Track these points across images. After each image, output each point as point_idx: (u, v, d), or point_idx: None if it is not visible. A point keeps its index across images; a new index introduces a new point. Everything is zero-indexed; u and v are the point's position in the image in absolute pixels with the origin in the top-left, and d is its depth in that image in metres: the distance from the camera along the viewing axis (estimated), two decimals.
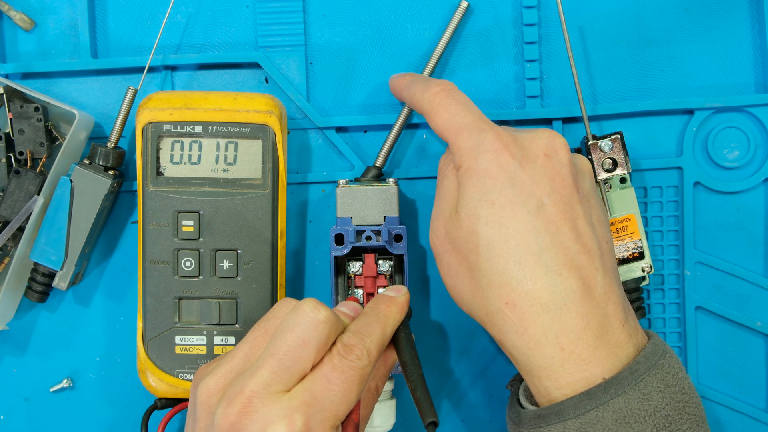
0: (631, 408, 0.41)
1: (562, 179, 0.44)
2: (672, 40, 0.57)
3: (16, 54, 0.57)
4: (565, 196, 0.44)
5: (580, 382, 0.42)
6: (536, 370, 0.43)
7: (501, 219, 0.43)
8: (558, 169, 0.45)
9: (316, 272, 0.57)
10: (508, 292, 0.43)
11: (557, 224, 0.43)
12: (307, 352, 0.40)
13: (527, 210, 0.43)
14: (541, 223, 0.43)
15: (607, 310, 0.43)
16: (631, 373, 0.42)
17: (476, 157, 0.45)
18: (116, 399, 0.58)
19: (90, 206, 0.53)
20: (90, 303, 0.57)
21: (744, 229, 0.57)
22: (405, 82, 0.51)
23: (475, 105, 0.47)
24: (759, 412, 0.57)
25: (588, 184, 0.47)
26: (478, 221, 0.44)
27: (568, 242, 0.43)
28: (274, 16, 0.56)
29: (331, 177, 0.57)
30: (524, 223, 0.43)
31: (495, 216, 0.43)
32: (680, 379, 0.43)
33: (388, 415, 0.53)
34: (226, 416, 0.39)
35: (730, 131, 0.56)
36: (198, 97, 0.52)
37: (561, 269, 0.43)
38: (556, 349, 0.42)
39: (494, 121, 0.56)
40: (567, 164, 0.45)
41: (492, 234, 0.43)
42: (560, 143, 0.45)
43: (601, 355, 0.42)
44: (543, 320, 0.42)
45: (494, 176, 0.44)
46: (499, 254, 0.43)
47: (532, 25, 0.56)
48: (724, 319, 0.57)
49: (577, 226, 0.44)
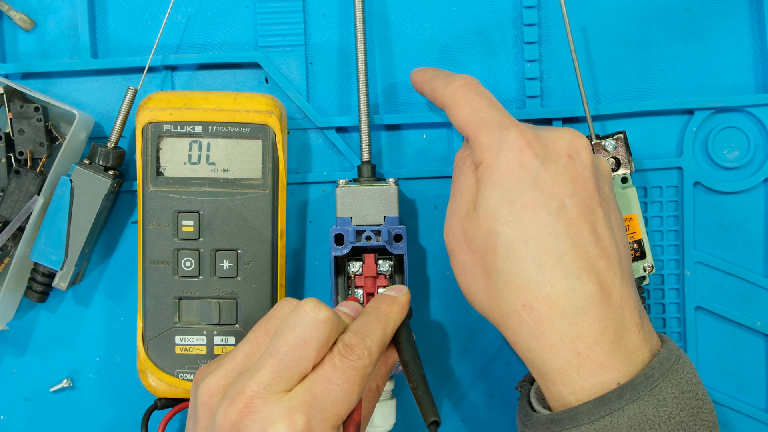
0: (646, 414, 0.41)
1: (584, 181, 0.44)
2: (672, 40, 0.57)
3: (16, 54, 0.57)
4: (586, 199, 0.43)
5: (595, 387, 0.42)
6: (551, 374, 0.42)
7: (521, 220, 0.43)
8: (580, 171, 0.44)
9: (316, 272, 0.57)
10: (525, 294, 0.42)
11: (578, 227, 0.43)
12: (308, 352, 0.40)
13: (548, 212, 0.42)
14: (562, 225, 0.42)
15: (624, 315, 0.43)
16: (645, 378, 0.41)
17: (498, 154, 0.44)
18: (116, 399, 0.58)
19: (90, 206, 0.53)
20: (90, 303, 0.57)
21: (744, 229, 0.57)
22: (427, 76, 0.50)
23: (498, 101, 0.46)
24: (759, 412, 0.57)
25: (608, 187, 0.46)
26: (497, 221, 0.43)
27: (588, 246, 0.43)
28: (274, 16, 0.56)
29: (331, 177, 0.57)
30: (545, 225, 0.42)
31: (515, 216, 0.43)
32: (694, 384, 0.43)
33: (389, 415, 0.53)
34: (227, 416, 0.39)
35: (730, 131, 0.56)
36: (198, 97, 0.52)
37: (580, 273, 0.42)
38: (572, 354, 0.42)
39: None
40: (589, 166, 0.44)
41: (511, 234, 0.43)
42: (583, 144, 0.45)
43: (617, 360, 0.42)
44: (560, 324, 0.42)
45: (516, 175, 0.43)
46: (518, 255, 0.42)
47: (532, 25, 0.56)
48: (724, 319, 0.57)
49: (597, 229, 0.43)
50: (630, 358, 0.42)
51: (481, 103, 0.46)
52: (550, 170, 0.43)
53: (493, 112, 0.45)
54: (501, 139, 0.44)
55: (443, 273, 0.57)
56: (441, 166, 0.57)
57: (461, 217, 0.45)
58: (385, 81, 0.57)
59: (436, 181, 0.57)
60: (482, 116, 0.45)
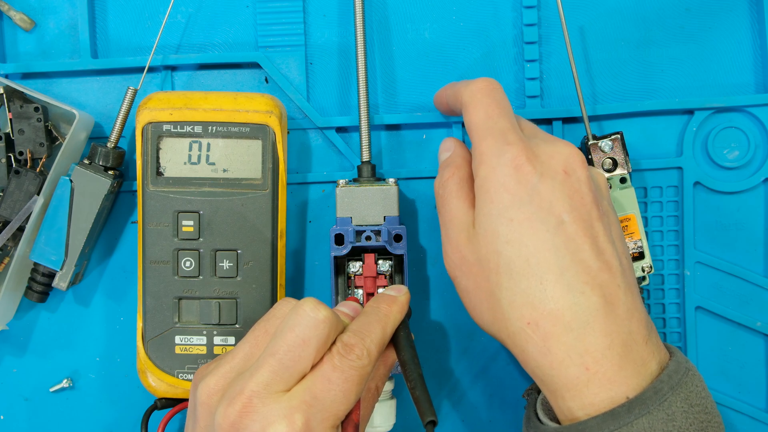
0: (655, 429, 0.40)
1: (581, 197, 0.44)
2: (672, 40, 0.57)
3: (16, 54, 0.57)
4: (584, 214, 0.43)
5: (604, 402, 0.41)
6: (560, 390, 0.42)
7: (521, 237, 0.43)
8: (577, 187, 0.44)
9: (316, 272, 0.57)
10: (530, 311, 0.42)
11: (577, 242, 0.43)
12: (307, 352, 0.40)
13: (546, 228, 0.42)
14: (561, 241, 0.42)
15: (630, 328, 0.42)
16: (655, 392, 0.41)
17: (495, 168, 0.44)
18: (116, 399, 0.58)
19: (90, 206, 0.53)
20: (90, 303, 0.57)
21: (744, 229, 0.57)
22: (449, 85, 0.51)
23: (512, 111, 0.47)
24: (759, 412, 0.57)
25: (606, 201, 0.46)
26: (497, 240, 0.43)
27: (589, 260, 0.42)
28: (274, 16, 0.56)
29: (331, 177, 0.57)
30: (544, 241, 0.42)
31: (514, 234, 0.43)
32: (703, 398, 0.42)
33: (388, 415, 0.53)
34: (227, 416, 0.39)
35: (730, 131, 0.56)
36: (198, 97, 0.52)
37: (583, 287, 0.42)
38: (580, 369, 0.41)
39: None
40: (586, 181, 0.44)
41: (512, 253, 0.43)
42: (579, 160, 0.45)
43: (625, 374, 0.41)
44: (567, 340, 0.41)
45: (512, 191, 0.43)
46: (520, 273, 0.42)
47: (532, 25, 0.56)
48: (724, 319, 0.57)
49: (598, 243, 0.43)
50: (639, 371, 0.42)
51: (495, 111, 0.46)
52: (547, 187, 0.43)
53: (503, 123, 0.45)
54: (500, 153, 0.44)
55: (443, 273, 0.57)
56: None
57: (457, 243, 0.46)
58: (385, 81, 0.57)
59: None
60: (491, 125, 0.45)
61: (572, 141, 0.56)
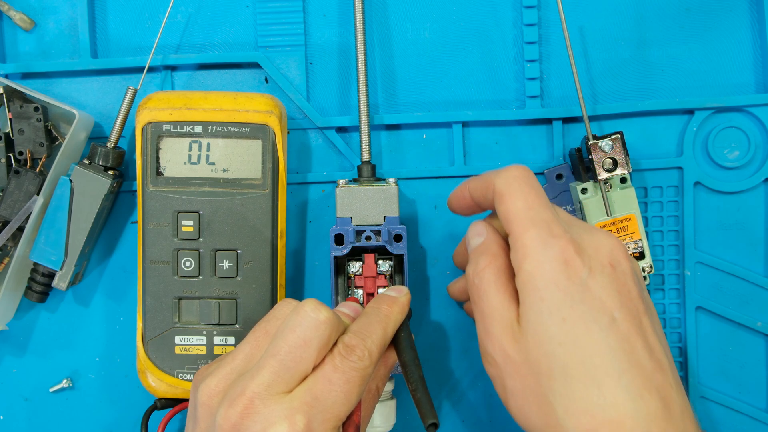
0: None
1: (629, 291, 0.42)
2: (672, 40, 0.57)
3: (16, 54, 0.57)
4: (633, 310, 0.41)
5: None
6: None
7: (575, 338, 0.40)
8: (624, 281, 0.42)
9: (316, 272, 0.57)
10: (589, 420, 0.39)
11: (631, 341, 0.40)
12: (308, 353, 0.40)
13: (600, 327, 0.40)
14: (615, 340, 0.40)
15: (686, 428, 0.40)
16: None
17: (542, 262, 0.41)
18: (116, 399, 0.58)
19: (90, 206, 0.53)
20: (90, 303, 0.57)
21: (744, 229, 0.57)
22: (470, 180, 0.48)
23: (548, 199, 0.44)
24: (759, 412, 0.57)
25: (645, 292, 0.44)
26: (549, 342, 0.40)
27: (644, 360, 0.40)
28: (274, 16, 0.56)
29: (331, 177, 0.57)
30: (599, 341, 0.40)
31: (568, 335, 0.40)
32: None
33: (389, 416, 0.53)
34: (228, 417, 0.39)
35: (730, 131, 0.56)
36: (198, 97, 0.52)
37: (641, 391, 0.39)
38: None
39: (494, 121, 0.57)
40: (630, 274, 0.42)
41: (566, 355, 0.40)
42: (623, 251, 0.43)
43: None
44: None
45: (563, 288, 0.41)
46: (576, 378, 0.40)
47: (532, 25, 0.56)
48: (724, 319, 0.57)
49: (648, 341, 0.41)
50: None
51: (536, 200, 0.43)
52: (596, 282, 0.41)
53: (546, 213, 0.43)
54: (546, 246, 0.41)
55: (443, 273, 0.57)
56: (441, 166, 0.57)
57: (502, 341, 0.42)
58: (385, 81, 0.57)
59: (436, 181, 0.57)
60: (533, 215, 0.42)
61: (573, 141, 0.56)
